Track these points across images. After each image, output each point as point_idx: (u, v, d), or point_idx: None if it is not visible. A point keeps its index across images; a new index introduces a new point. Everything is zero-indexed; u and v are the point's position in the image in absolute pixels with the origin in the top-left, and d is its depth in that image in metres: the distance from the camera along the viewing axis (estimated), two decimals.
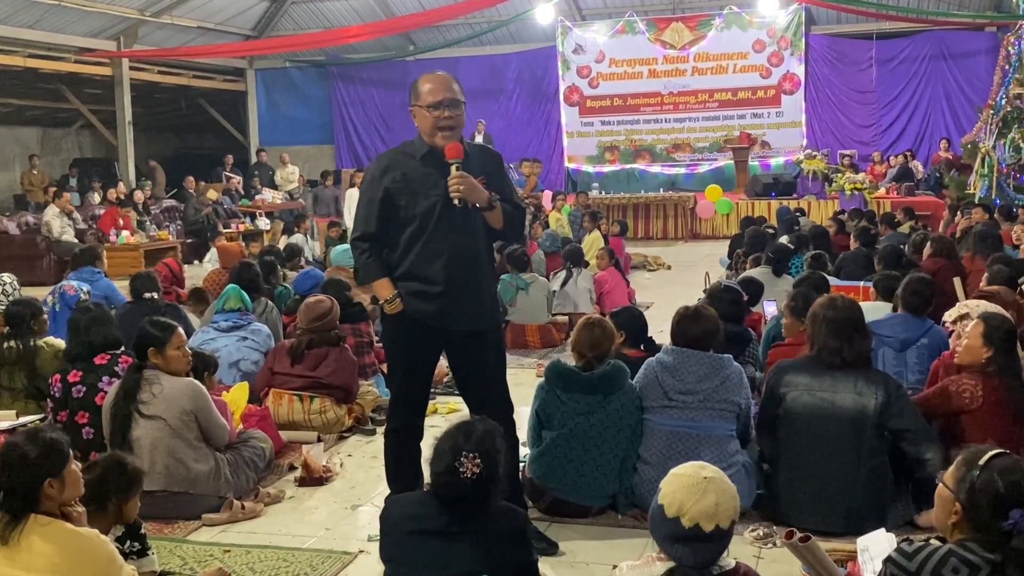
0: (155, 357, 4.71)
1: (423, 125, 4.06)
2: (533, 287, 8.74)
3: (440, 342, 4.21)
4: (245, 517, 4.64)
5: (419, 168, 4.07)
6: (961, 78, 18.54)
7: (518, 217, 4.26)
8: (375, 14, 20.11)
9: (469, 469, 2.99)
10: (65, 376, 5.11)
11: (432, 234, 4.04)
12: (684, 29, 19.61)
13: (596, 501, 4.53)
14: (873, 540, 3.31)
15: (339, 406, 5.95)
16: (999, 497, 2.48)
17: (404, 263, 4.09)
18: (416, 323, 4.09)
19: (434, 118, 3.99)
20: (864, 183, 16.22)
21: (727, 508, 2.71)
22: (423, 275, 4.06)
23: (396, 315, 4.09)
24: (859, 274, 8.00)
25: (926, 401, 4.57)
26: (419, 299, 4.06)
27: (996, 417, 4.35)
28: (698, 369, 4.52)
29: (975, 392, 4.40)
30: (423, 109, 4.02)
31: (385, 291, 4.09)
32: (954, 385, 4.49)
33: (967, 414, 4.42)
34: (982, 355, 4.45)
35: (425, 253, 4.05)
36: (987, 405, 4.38)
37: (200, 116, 23.47)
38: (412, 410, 4.29)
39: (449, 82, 4.07)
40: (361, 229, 4.15)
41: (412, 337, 4.14)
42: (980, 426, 4.32)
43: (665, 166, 20.09)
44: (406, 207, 4.05)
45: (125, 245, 14.26)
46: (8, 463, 2.93)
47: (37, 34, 16.52)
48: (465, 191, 3.93)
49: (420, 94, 4.04)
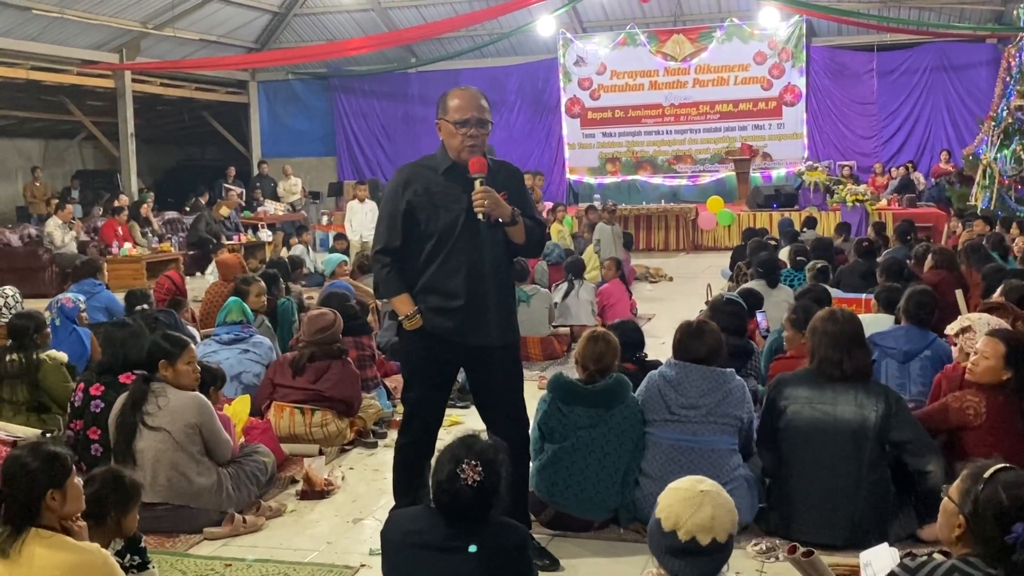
0: (165, 370, 4.73)
1: (449, 140, 4.05)
2: (535, 299, 8.74)
3: (459, 357, 4.19)
4: (246, 531, 4.63)
5: (442, 182, 4.06)
6: (962, 90, 18.57)
7: (539, 232, 4.25)
8: (377, 26, 20.18)
9: (470, 476, 2.98)
10: (88, 387, 5.13)
11: (453, 248, 4.03)
12: (685, 41, 19.66)
13: (598, 515, 4.51)
14: (876, 555, 3.30)
15: (341, 419, 5.94)
16: (1003, 511, 2.47)
17: (424, 277, 4.07)
18: (435, 338, 4.07)
19: (461, 135, 3.99)
20: (866, 195, 16.22)
21: (723, 521, 2.70)
22: (444, 289, 4.04)
23: (415, 330, 4.08)
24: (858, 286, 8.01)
25: (928, 417, 4.54)
26: (439, 314, 4.05)
27: (1000, 434, 4.31)
28: (701, 383, 4.51)
29: (979, 409, 4.38)
30: (450, 124, 4.02)
31: (405, 307, 4.07)
32: (957, 402, 4.46)
33: (970, 431, 4.39)
34: (1001, 375, 4.40)
35: (446, 267, 4.03)
36: (990, 422, 4.35)
37: (202, 128, 23.53)
38: (426, 426, 4.25)
39: (478, 99, 4.05)
40: (383, 242, 4.12)
41: (431, 352, 4.11)
42: (983, 443, 4.28)
43: (666, 178, 20.12)
44: (427, 221, 4.04)
45: (127, 257, 14.28)
46: (10, 475, 2.93)
47: (40, 47, 16.56)
48: (490, 206, 3.93)
49: (448, 109, 4.03)
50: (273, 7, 19.83)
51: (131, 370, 5.16)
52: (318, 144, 22.33)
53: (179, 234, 16.92)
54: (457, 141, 4.00)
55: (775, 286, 7.78)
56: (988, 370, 4.42)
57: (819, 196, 17.31)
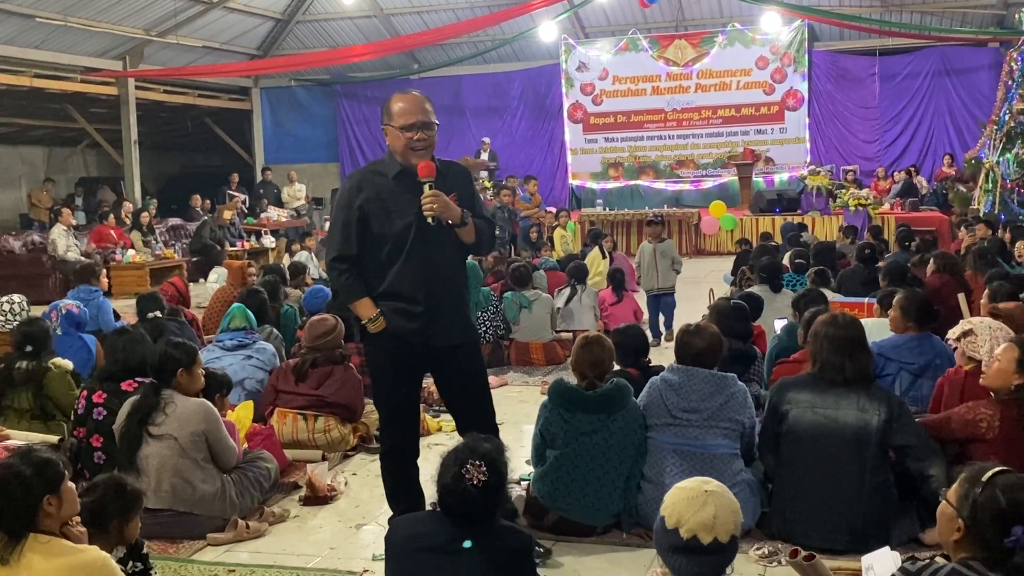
0: (183, 377, 4.77)
1: (395, 145, 4.09)
2: (536, 304, 8.75)
3: (424, 359, 4.24)
4: (250, 536, 4.64)
5: (392, 187, 4.10)
6: (964, 94, 18.57)
7: (488, 231, 4.33)
8: (379, 33, 20.22)
9: (475, 476, 3.00)
10: (91, 395, 5.14)
11: (409, 253, 4.08)
12: (687, 46, 19.68)
13: (601, 520, 4.52)
14: (877, 558, 3.30)
15: (343, 425, 5.95)
16: (1002, 514, 2.47)
17: (383, 283, 4.12)
18: (400, 340, 4.13)
19: (407, 139, 4.04)
20: (868, 199, 16.23)
21: (726, 521, 2.72)
22: (404, 294, 4.10)
23: (379, 333, 4.13)
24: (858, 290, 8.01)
25: (938, 426, 4.48)
26: (402, 317, 4.11)
27: (1013, 448, 4.21)
28: (703, 387, 4.52)
29: (992, 422, 4.30)
30: (396, 130, 4.06)
31: (368, 310, 4.12)
32: (971, 413, 4.38)
33: (982, 443, 4.31)
34: (1013, 381, 4.34)
35: (404, 272, 4.09)
36: (1004, 435, 4.27)
37: (205, 135, 23.56)
38: (403, 429, 4.31)
39: (422, 103, 4.11)
40: (338, 250, 4.16)
41: (396, 355, 4.17)
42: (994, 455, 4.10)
43: (669, 182, 20.12)
44: (381, 226, 4.08)
45: (131, 264, 14.31)
46: (4, 483, 2.94)
47: (43, 54, 16.61)
48: (439, 209, 3.99)
49: (392, 115, 4.08)
50: (276, 14, 19.88)
51: (132, 377, 5.18)
52: (321, 150, 22.37)
53: (182, 240, 16.95)
54: (400, 145, 4.05)
55: (778, 291, 7.79)
56: (999, 373, 4.36)
57: (822, 200, 17.31)
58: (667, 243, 10.30)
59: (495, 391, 7.51)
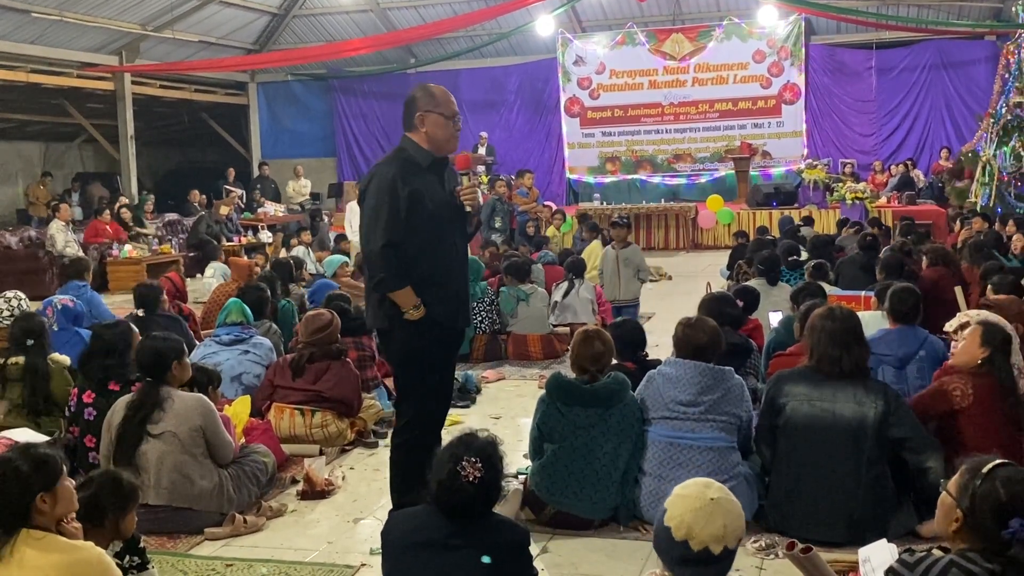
0: (176, 369, 4.77)
1: (438, 132, 4.22)
2: (533, 298, 8.75)
3: (454, 342, 4.45)
4: (247, 531, 4.63)
5: (427, 176, 4.22)
6: (961, 87, 18.58)
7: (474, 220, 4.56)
8: (376, 27, 20.19)
9: (471, 473, 3.00)
10: (82, 394, 5.13)
11: (443, 240, 4.23)
12: (684, 40, 19.67)
13: (598, 514, 4.52)
14: (875, 550, 3.30)
15: (341, 420, 5.94)
16: (1001, 506, 2.48)
17: (420, 269, 4.19)
18: (435, 326, 4.23)
19: (449, 127, 4.22)
20: (865, 192, 16.25)
21: (735, 529, 2.72)
22: (438, 279, 4.23)
23: (415, 323, 4.18)
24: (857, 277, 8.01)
25: (920, 402, 4.63)
26: (439, 303, 4.22)
27: (987, 416, 4.41)
28: (700, 381, 4.52)
29: (965, 390, 4.47)
30: (442, 117, 4.18)
31: (411, 298, 4.18)
32: (943, 386, 4.57)
33: (960, 414, 4.46)
34: (978, 356, 4.54)
35: (438, 258, 4.23)
36: (977, 403, 4.44)
37: (202, 130, 23.55)
38: (438, 417, 4.44)
39: None
40: (389, 236, 4.15)
41: (433, 341, 4.26)
42: (973, 426, 4.38)
43: (666, 176, 20.13)
44: (419, 215, 4.16)
45: (128, 259, 14.29)
46: (1, 478, 2.93)
47: (39, 49, 16.58)
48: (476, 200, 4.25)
49: (439, 102, 4.22)
50: (272, 8, 19.85)
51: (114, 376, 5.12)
52: (318, 145, 22.35)
53: (179, 235, 16.93)
54: (445, 133, 4.22)
55: (775, 284, 7.79)
56: (964, 350, 4.61)
57: (819, 194, 17.34)
58: (632, 248, 9.69)
59: (493, 385, 7.57)
